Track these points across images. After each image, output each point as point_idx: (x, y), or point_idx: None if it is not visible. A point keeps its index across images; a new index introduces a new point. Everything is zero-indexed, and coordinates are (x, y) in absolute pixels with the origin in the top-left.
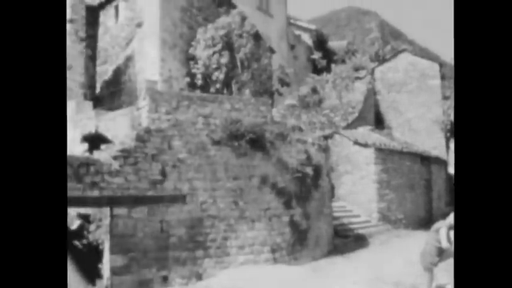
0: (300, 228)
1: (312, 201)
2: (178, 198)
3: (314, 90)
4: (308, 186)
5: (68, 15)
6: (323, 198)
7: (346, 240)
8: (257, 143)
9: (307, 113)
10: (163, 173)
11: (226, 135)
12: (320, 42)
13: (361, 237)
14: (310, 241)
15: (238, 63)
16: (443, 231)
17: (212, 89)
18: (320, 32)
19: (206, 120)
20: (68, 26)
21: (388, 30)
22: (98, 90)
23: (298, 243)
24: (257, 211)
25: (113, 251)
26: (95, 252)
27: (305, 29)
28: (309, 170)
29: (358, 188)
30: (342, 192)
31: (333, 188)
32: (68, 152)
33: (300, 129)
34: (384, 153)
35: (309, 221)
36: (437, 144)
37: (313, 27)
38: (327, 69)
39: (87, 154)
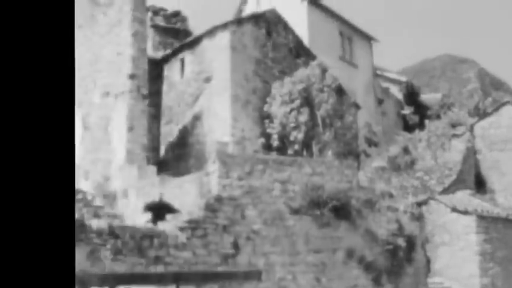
0: None
1: (404, 276)
2: (253, 275)
3: (405, 150)
4: (400, 259)
5: (130, 70)
6: (417, 274)
7: None
8: (342, 211)
9: (398, 176)
10: (236, 246)
11: (307, 202)
12: (411, 96)
13: None
14: None
15: (319, 121)
16: None
17: (290, 151)
18: (411, 83)
19: (284, 186)
20: (129, 83)
21: (489, 80)
22: (162, 153)
23: None
24: None
25: None
26: None
27: (394, 81)
28: (401, 242)
29: (457, 261)
30: (438, 266)
31: (428, 261)
32: (130, 223)
33: (390, 195)
34: (487, 221)
35: None
36: None
37: (403, 78)
38: (420, 126)
39: (150, 225)
